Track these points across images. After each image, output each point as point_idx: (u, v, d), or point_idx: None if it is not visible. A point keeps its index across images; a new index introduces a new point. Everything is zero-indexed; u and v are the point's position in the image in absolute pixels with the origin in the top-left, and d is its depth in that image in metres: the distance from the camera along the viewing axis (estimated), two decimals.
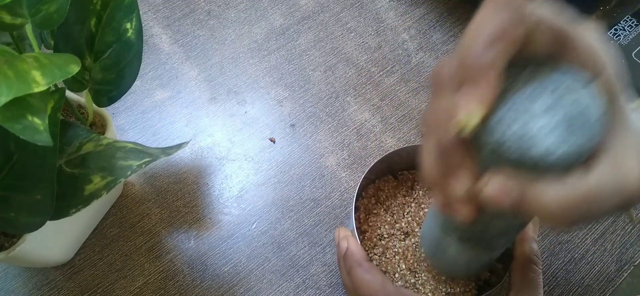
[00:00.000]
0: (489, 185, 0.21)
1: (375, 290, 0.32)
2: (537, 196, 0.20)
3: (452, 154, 0.22)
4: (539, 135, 0.19)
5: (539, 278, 0.34)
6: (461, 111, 0.20)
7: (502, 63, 0.19)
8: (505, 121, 0.19)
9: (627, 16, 0.51)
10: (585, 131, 0.19)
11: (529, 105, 0.19)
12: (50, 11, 0.31)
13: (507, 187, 0.20)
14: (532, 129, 0.19)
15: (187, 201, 0.47)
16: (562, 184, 0.20)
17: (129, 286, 0.43)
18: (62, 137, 0.35)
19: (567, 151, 0.19)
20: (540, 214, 0.20)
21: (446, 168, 0.23)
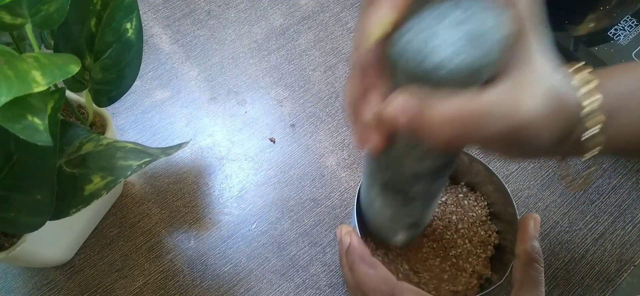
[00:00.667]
0: (390, 103, 0.21)
1: (378, 284, 0.32)
2: (430, 109, 0.20)
3: (367, 74, 0.22)
4: (437, 47, 0.19)
5: (541, 276, 0.34)
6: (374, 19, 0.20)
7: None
8: (410, 34, 0.20)
9: (627, 16, 0.51)
10: (483, 49, 0.19)
11: (435, 22, 0.20)
12: (50, 11, 0.31)
13: (405, 103, 0.21)
14: (432, 41, 0.19)
15: (187, 201, 0.47)
16: (454, 98, 0.20)
17: (129, 286, 0.43)
18: (62, 137, 0.35)
19: (462, 64, 0.19)
20: (429, 128, 0.20)
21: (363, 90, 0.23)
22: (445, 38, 0.19)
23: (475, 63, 0.19)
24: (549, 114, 0.21)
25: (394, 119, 0.21)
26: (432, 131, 0.21)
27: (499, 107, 0.20)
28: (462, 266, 0.40)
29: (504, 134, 0.21)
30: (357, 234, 0.35)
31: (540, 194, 0.49)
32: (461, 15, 0.20)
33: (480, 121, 0.20)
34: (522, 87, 0.20)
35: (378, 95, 0.22)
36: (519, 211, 0.48)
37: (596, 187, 0.49)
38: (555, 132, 0.22)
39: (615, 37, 0.50)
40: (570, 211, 0.48)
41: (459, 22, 0.19)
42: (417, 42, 0.20)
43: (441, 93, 0.20)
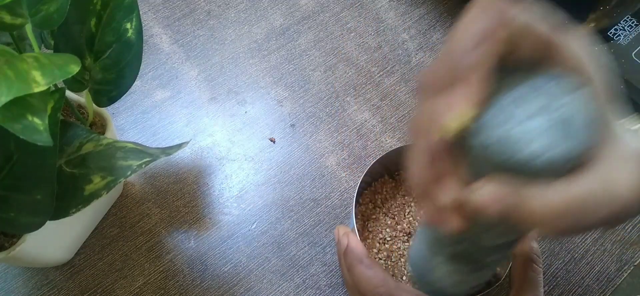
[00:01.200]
0: (479, 191, 0.20)
1: (377, 285, 0.32)
2: (528, 201, 0.19)
3: (439, 160, 0.21)
4: (525, 138, 0.18)
5: (540, 277, 0.34)
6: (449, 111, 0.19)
7: (490, 63, 0.19)
8: (491, 123, 0.19)
9: (627, 16, 0.51)
10: (573, 136, 0.18)
11: (515, 108, 0.19)
12: (50, 11, 0.31)
13: (498, 193, 0.20)
14: (519, 131, 0.18)
15: (187, 201, 0.47)
16: (552, 189, 0.19)
17: (129, 286, 0.43)
18: (62, 137, 0.35)
19: (555, 154, 0.18)
20: (530, 221, 0.20)
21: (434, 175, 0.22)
22: (533, 126, 0.18)
23: (567, 153, 0.18)
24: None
25: (485, 206, 0.20)
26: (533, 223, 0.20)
27: (599, 194, 0.19)
28: None
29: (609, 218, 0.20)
30: (355, 235, 0.35)
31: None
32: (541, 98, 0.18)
33: (584, 209, 0.19)
34: (617, 166, 0.20)
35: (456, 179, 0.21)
36: None
37: None
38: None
39: (615, 37, 0.50)
40: None
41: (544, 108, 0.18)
42: (503, 133, 0.18)
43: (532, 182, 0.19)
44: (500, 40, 0.19)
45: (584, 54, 0.20)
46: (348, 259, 0.33)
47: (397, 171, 0.44)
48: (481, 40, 0.19)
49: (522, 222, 0.20)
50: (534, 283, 0.33)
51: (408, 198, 0.42)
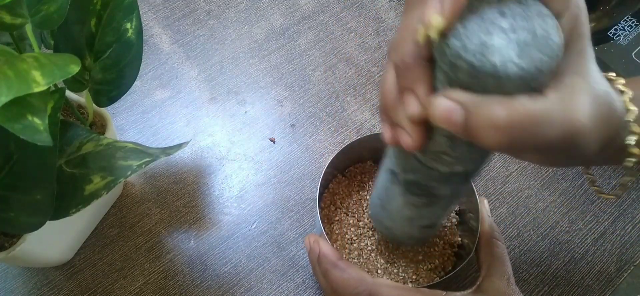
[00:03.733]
0: (440, 101, 0.21)
1: (355, 286, 0.32)
2: (486, 111, 0.20)
3: (410, 71, 0.22)
4: (498, 47, 0.19)
5: (505, 252, 0.35)
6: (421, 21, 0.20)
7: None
8: (466, 34, 0.20)
9: (627, 16, 0.51)
10: (542, 54, 0.19)
11: (492, 22, 0.20)
12: (50, 11, 0.31)
13: (462, 98, 0.20)
14: (491, 43, 0.19)
15: (187, 201, 0.47)
16: (511, 101, 0.20)
17: (129, 286, 0.43)
18: (62, 137, 0.35)
19: (521, 68, 0.19)
20: (486, 130, 0.20)
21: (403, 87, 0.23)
22: (503, 42, 0.19)
23: (533, 69, 0.19)
24: (599, 120, 0.22)
25: (447, 113, 0.21)
26: (486, 132, 0.20)
27: (556, 114, 0.20)
28: (432, 241, 0.41)
29: (559, 140, 0.21)
30: (326, 241, 0.35)
31: (540, 194, 0.49)
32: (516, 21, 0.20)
33: (536, 127, 0.20)
34: (576, 94, 0.21)
35: (423, 89, 0.22)
36: (519, 212, 0.48)
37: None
38: (603, 138, 0.23)
39: (615, 37, 0.50)
40: (570, 211, 0.48)
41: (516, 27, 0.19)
42: (473, 46, 0.19)
43: (495, 97, 0.20)
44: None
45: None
46: (322, 265, 0.33)
47: (347, 168, 0.44)
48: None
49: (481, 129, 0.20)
50: (501, 258, 0.35)
51: (362, 193, 0.43)
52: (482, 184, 0.49)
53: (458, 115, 0.20)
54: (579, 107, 0.21)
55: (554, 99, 0.20)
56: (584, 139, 0.21)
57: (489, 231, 0.36)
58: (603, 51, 0.49)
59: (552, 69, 0.20)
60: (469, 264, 0.37)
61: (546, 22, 0.20)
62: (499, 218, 0.48)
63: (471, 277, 0.44)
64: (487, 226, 0.37)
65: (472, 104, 0.20)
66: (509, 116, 0.20)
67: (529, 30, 0.19)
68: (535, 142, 0.21)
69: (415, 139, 0.23)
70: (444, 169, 0.26)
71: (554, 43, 0.20)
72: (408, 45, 0.21)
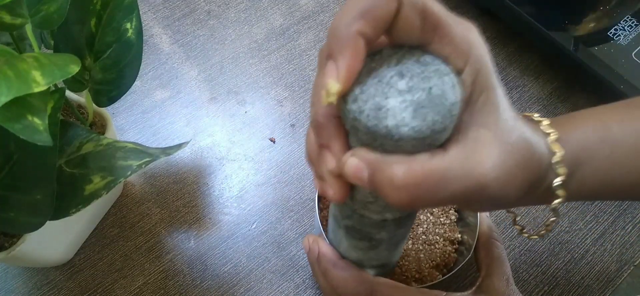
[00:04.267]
0: (348, 160, 0.22)
1: (355, 286, 0.32)
2: (385, 171, 0.21)
3: (324, 128, 0.23)
4: (392, 109, 0.20)
5: (504, 253, 0.35)
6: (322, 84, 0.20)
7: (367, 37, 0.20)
8: (365, 95, 0.20)
9: (627, 16, 0.51)
10: (435, 114, 0.20)
11: (388, 84, 0.20)
12: (50, 11, 0.31)
13: (366, 157, 0.21)
14: (388, 104, 0.20)
15: (187, 201, 0.47)
16: (411, 160, 0.20)
17: (129, 286, 0.43)
18: (62, 137, 0.35)
19: (413, 129, 0.19)
20: (387, 189, 0.21)
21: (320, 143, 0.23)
22: (396, 104, 0.20)
23: (430, 127, 0.20)
24: (511, 169, 0.22)
25: (353, 174, 0.22)
26: (391, 192, 0.21)
27: (455, 170, 0.20)
28: (432, 239, 0.41)
29: (463, 194, 0.21)
30: (325, 241, 0.35)
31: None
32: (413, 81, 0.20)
33: (437, 184, 0.20)
34: (480, 147, 0.21)
35: (337, 148, 0.23)
36: (519, 212, 0.48)
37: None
38: (523, 184, 0.23)
39: (615, 37, 0.50)
40: (570, 211, 0.48)
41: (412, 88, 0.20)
42: (368, 109, 0.20)
43: (398, 154, 0.21)
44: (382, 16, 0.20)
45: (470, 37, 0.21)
46: (322, 265, 0.33)
47: None
48: (362, 14, 0.19)
49: (383, 189, 0.21)
50: (500, 260, 0.35)
51: None
52: None
53: (364, 173, 0.21)
54: (483, 159, 0.21)
55: (455, 154, 0.21)
56: (493, 190, 0.21)
57: (488, 232, 0.36)
58: (603, 51, 0.49)
59: (447, 127, 0.20)
60: (469, 264, 0.37)
61: (443, 81, 0.20)
62: (499, 218, 0.47)
63: (471, 277, 0.44)
64: (486, 227, 0.37)
65: (374, 163, 0.21)
66: (406, 176, 0.20)
67: (424, 90, 0.20)
68: (437, 198, 0.21)
69: (336, 191, 0.24)
70: (375, 216, 0.27)
71: (448, 102, 0.20)
72: (319, 105, 0.22)
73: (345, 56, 0.20)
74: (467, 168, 0.21)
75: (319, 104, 0.22)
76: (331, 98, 0.20)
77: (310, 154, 0.25)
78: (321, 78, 0.21)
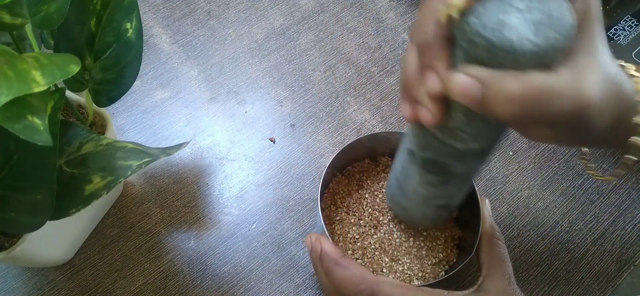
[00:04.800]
0: (458, 76, 0.22)
1: (357, 284, 0.32)
2: (501, 85, 0.21)
3: (430, 49, 0.23)
4: (516, 26, 0.21)
5: (506, 252, 0.36)
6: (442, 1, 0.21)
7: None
8: (485, 13, 0.21)
9: (627, 16, 0.51)
10: (556, 33, 0.21)
11: (509, 3, 0.21)
12: (50, 11, 0.31)
13: (478, 74, 0.22)
14: (508, 21, 0.21)
15: (187, 201, 0.47)
16: (525, 76, 0.21)
17: (129, 286, 0.43)
18: (62, 137, 0.35)
19: (536, 45, 0.21)
20: (501, 102, 0.22)
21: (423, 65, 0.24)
22: (519, 21, 0.21)
23: (547, 47, 0.21)
24: (608, 98, 0.23)
25: (462, 90, 0.22)
26: (501, 104, 0.22)
27: (566, 88, 0.22)
28: (434, 235, 0.41)
29: (568, 114, 0.22)
30: (327, 239, 0.35)
31: (540, 194, 0.49)
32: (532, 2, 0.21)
33: (548, 100, 0.21)
34: (587, 72, 0.22)
35: (443, 65, 0.23)
36: (519, 212, 0.48)
37: (596, 187, 0.49)
38: (613, 115, 0.24)
39: (615, 37, 0.50)
40: (571, 211, 0.48)
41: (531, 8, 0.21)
42: (491, 24, 0.21)
43: (510, 72, 0.21)
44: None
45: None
46: (324, 263, 0.33)
47: (345, 168, 0.44)
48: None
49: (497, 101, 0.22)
50: (502, 258, 0.35)
51: (361, 191, 0.43)
52: (482, 185, 0.49)
53: (475, 89, 0.22)
54: (589, 84, 0.22)
55: (566, 75, 0.22)
56: (593, 114, 0.22)
57: (490, 231, 0.36)
58: None
59: (565, 48, 0.21)
60: (471, 262, 0.37)
61: (560, 5, 0.21)
62: (499, 218, 0.48)
63: (472, 276, 0.44)
64: (488, 226, 0.37)
65: (488, 79, 0.22)
66: (522, 89, 0.21)
67: (543, 11, 0.21)
68: (546, 114, 0.22)
69: (434, 114, 0.25)
70: (460, 145, 0.28)
71: (567, 23, 0.21)
72: (429, 25, 0.23)
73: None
74: (577, 88, 0.22)
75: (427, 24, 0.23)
76: (454, 11, 0.21)
77: (407, 77, 0.25)
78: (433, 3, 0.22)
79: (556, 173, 0.50)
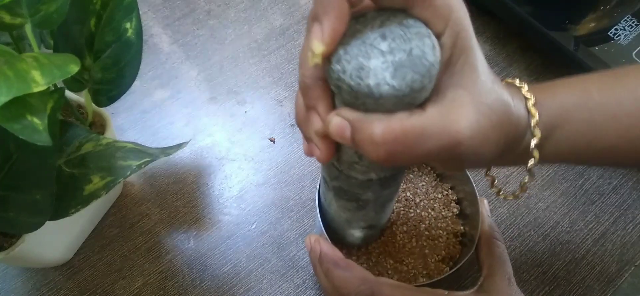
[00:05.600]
0: (333, 119, 0.23)
1: (357, 285, 0.32)
2: (366, 128, 0.22)
3: (311, 89, 0.23)
4: (374, 69, 0.20)
5: (505, 252, 0.36)
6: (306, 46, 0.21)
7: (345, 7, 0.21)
8: (349, 55, 0.21)
9: (627, 16, 0.51)
10: (414, 73, 0.20)
11: (371, 45, 0.21)
12: (50, 11, 0.31)
13: (348, 116, 0.22)
14: (370, 64, 0.21)
15: (187, 201, 0.47)
16: (389, 118, 0.21)
17: (128, 286, 0.43)
18: (62, 137, 0.35)
19: (393, 87, 0.20)
20: (367, 146, 0.22)
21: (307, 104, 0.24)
22: (378, 64, 0.20)
23: (409, 86, 0.20)
24: (489, 128, 0.23)
25: (336, 132, 0.23)
26: (370, 148, 0.22)
27: (432, 127, 0.21)
28: (436, 234, 0.41)
29: (439, 151, 0.22)
30: (326, 240, 0.35)
31: (540, 194, 0.49)
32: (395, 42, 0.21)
33: (415, 140, 0.21)
34: (457, 107, 0.22)
35: (323, 108, 0.24)
36: (520, 213, 0.48)
37: (597, 187, 0.49)
38: (500, 145, 0.24)
39: (616, 37, 0.50)
40: (571, 211, 0.48)
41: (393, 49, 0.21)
42: (350, 69, 0.21)
43: (379, 113, 0.22)
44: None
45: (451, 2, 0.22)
46: (324, 265, 0.33)
47: None
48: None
49: (363, 146, 0.22)
50: (502, 259, 0.35)
51: None
52: (482, 185, 0.49)
53: (347, 131, 0.22)
54: (459, 118, 0.22)
55: (433, 113, 0.22)
56: (468, 148, 0.22)
57: (489, 231, 0.36)
58: (603, 50, 0.49)
59: (426, 86, 0.21)
60: (471, 263, 0.37)
61: (423, 42, 0.21)
62: (500, 218, 0.47)
63: (473, 277, 0.44)
64: (487, 227, 0.37)
65: (355, 122, 0.22)
66: (384, 133, 0.21)
67: (405, 51, 0.21)
68: (414, 154, 0.22)
69: (323, 151, 0.25)
70: (360, 176, 0.28)
71: (427, 62, 0.21)
72: (306, 67, 0.23)
73: (330, 17, 0.20)
74: (443, 126, 0.21)
75: (305, 66, 0.23)
76: (316, 59, 0.21)
77: (298, 117, 0.26)
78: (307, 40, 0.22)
79: (556, 173, 0.50)
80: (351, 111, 0.22)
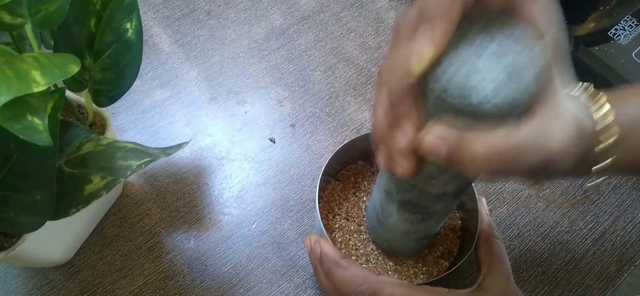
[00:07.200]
0: (429, 133, 0.22)
1: (358, 284, 0.32)
2: (466, 147, 0.21)
3: (400, 104, 0.23)
4: (479, 84, 0.20)
5: (504, 251, 0.36)
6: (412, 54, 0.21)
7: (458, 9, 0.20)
8: (451, 69, 0.20)
9: (627, 16, 0.51)
10: (521, 87, 0.20)
11: (475, 56, 0.20)
12: (50, 11, 0.31)
13: (445, 135, 0.22)
14: (474, 78, 0.20)
15: (187, 201, 0.47)
16: (493, 133, 0.21)
17: (128, 286, 0.43)
18: (62, 137, 0.35)
19: (502, 102, 0.20)
20: (469, 164, 0.22)
21: (394, 118, 0.24)
22: (487, 74, 0.20)
23: (516, 98, 0.20)
24: (570, 144, 0.23)
25: (433, 148, 0.22)
26: (471, 167, 0.22)
27: (533, 144, 0.21)
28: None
29: (536, 167, 0.22)
30: (327, 241, 0.35)
31: (540, 194, 0.49)
32: (497, 48, 0.20)
33: (517, 155, 0.21)
34: (552, 120, 0.22)
35: (413, 123, 0.23)
36: (519, 212, 0.48)
37: (597, 187, 0.49)
38: (576, 158, 0.24)
39: (616, 37, 0.50)
40: (571, 211, 0.48)
41: (497, 56, 0.20)
42: (459, 78, 0.20)
43: (479, 126, 0.21)
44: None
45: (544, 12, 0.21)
46: (325, 265, 0.33)
47: (338, 173, 0.44)
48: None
49: (463, 161, 0.22)
50: (501, 258, 0.35)
51: (359, 194, 0.43)
52: (482, 184, 0.49)
53: (442, 149, 0.22)
54: (552, 135, 0.22)
55: (527, 130, 0.21)
56: (559, 162, 0.22)
57: (488, 230, 0.37)
58: (603, 51, 0.49)
59: (527, 103, 0.21)
60: (470, 262, 0.37)
61: (526, 53, 0.20)
62: (499, 218, 0.47)
63: (472, 276, 0.44)
64: (486, 225, 0.37)
65: (454, 140, 0.22)
66: (486, 152, 0.21)
67: (509, 60, 0.20)
68: (512, 170, 0.22)
69: (406, 169, 0.24)
70: (435, 190, 0.28)
71: (529, 79, 0.20)
72: (399, 75, 0.22)
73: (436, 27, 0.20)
74: (538, 143, 0.21)
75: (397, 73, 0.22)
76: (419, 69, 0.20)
77: (378, 131, 0.25)
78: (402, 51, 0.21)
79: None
80: (448, 129, 0.22)
